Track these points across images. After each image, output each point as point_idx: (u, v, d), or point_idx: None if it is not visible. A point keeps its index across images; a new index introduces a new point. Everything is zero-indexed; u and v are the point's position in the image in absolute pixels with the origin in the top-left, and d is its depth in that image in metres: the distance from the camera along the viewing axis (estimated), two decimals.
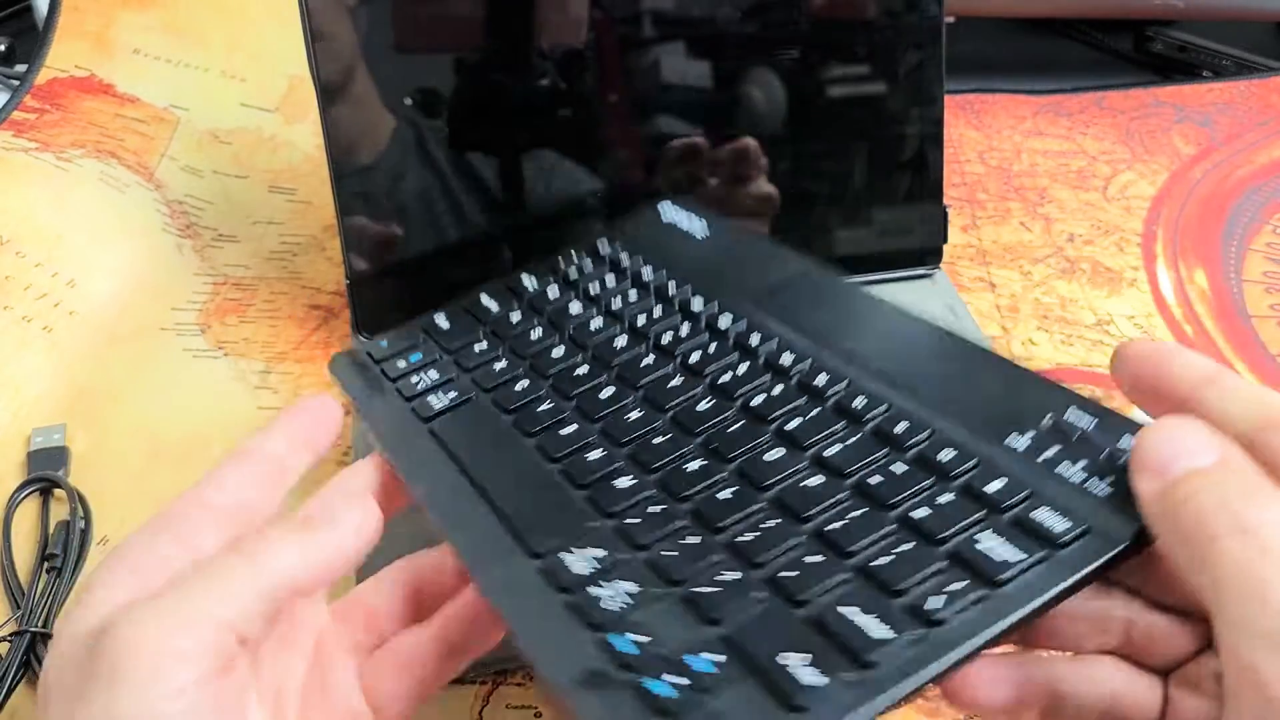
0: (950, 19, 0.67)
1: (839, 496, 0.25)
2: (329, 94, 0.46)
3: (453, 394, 0.35)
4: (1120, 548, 0.22)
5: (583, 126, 0.48)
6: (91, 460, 0.44)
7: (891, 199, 0.52)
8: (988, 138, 0.66)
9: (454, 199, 0.48)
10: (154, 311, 0.50)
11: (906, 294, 0.52)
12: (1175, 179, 0.63)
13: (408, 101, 0.47)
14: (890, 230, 0.52)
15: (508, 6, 0.47)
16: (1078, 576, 0.22)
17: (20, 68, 0.62)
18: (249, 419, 0.46)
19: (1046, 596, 0.21)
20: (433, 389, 0.35)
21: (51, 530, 0.41)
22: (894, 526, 0.24)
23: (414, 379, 0.36)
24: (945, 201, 0.52)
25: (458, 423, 0.34)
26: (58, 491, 0.43)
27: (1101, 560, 0.22)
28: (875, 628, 0.21)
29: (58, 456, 0.43)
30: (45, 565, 0.40)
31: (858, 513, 0.25)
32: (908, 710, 0.36)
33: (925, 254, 0.53)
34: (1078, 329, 0.52)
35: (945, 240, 0.53)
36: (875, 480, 0.26)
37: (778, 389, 0.30)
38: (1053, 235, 0.58)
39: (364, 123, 0.46)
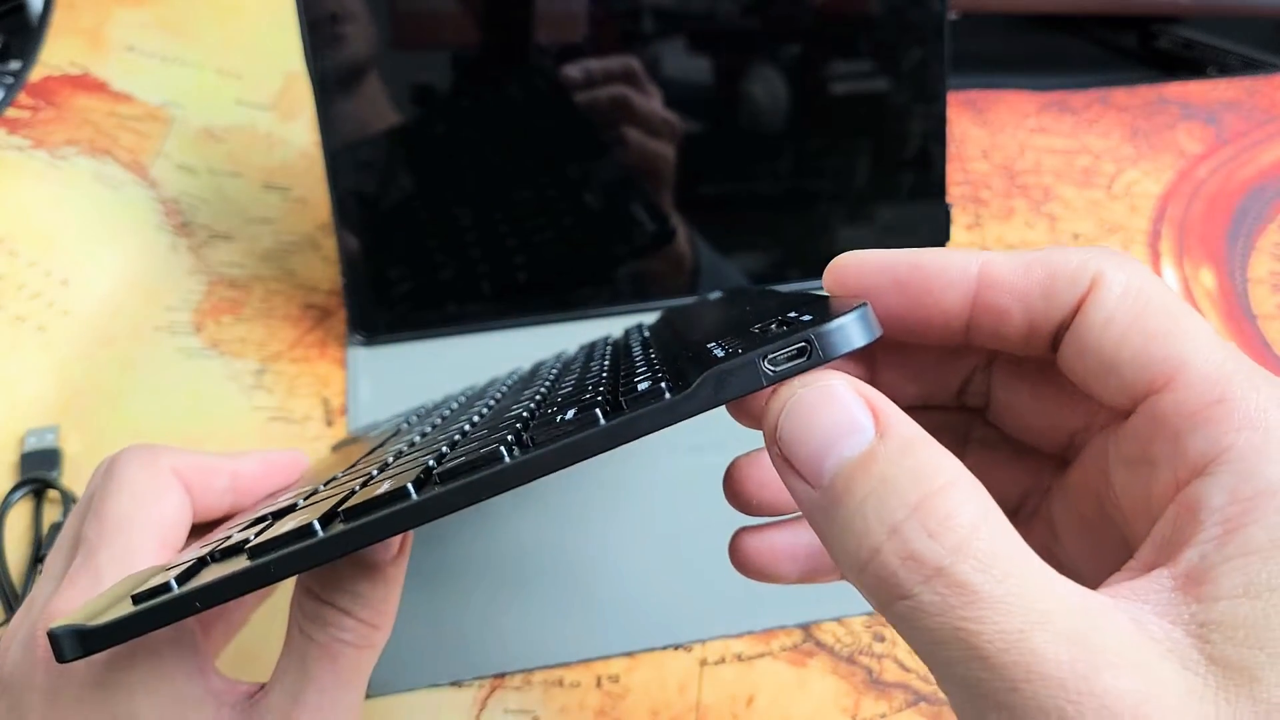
0: (954, 15, 0.67)
1: (505, 420, 0.24)
2: (324, 91, 0.45)
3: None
4: (673, 400, 0.19)
5: (581, 126, 0.48)
6: (85, 460, 0.43)
7: (894, 196, 0.51)
8: (991, 135, 0.65)
9: (450, 197, 0.48)
10: (148, 311, 0.49)
11: None
12: (1181, 177, 0.62)
13: (404, 98, 0.47)
14: (893, 228, 0.52)
15: (506, 4, 0.46)
16: (597, 430, 0.19)
17: (14, 65, 0.61)
18: (243, 419, 0.45)
19: (557, 445, 0.19)
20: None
21: (44, 531, 0.41)
22: (506, 426, 0.23)
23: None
24: (948, 199, 0.52)
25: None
26: (51, 493, 0.42)
27: (635, 414, 0.19)
28: (387, 485, 0.21)
29: (51, 458, 0.43)
30: (38, 567, 0.39)
31: (506, 422, 0.24)
32: (909, 714, 0.35)
33: None
34: None
35: (949, 238, 0.52)
36: (541, 403, 0.25)
37: (597, 368, 0.29)
38: (1057, 233, 0.58)
39: (359, 120, 0.46)
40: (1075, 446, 0.22)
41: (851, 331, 0.19)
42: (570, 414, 0.20)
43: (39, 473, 0.42)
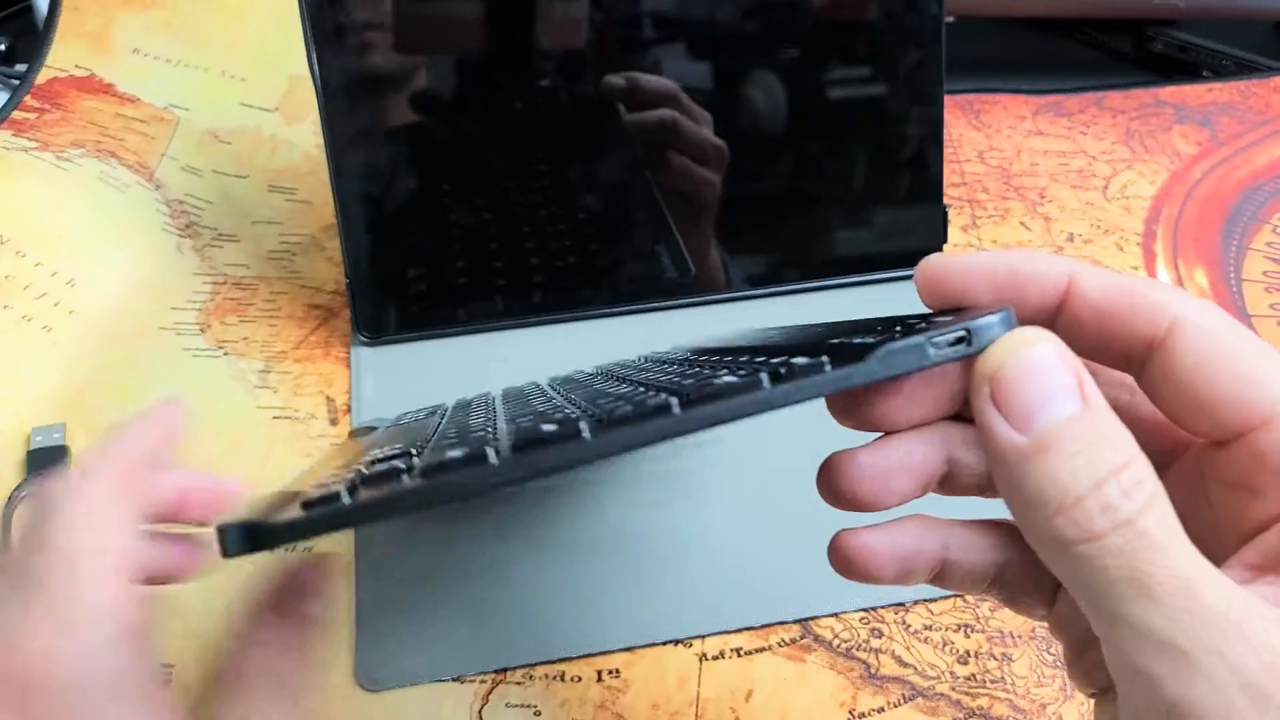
0: (950, 19, 0.67)
1: (632, 390, 0.25)
2: (328, 94, 0.46)
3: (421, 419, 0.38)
4: (845, 369, 0.20)
5: (583, 128, 0.48)
6: None
7: (892, 199, 0.52)
8: (988, 137, 0.66)
9: (453, 199, 0.48)
10: (154, 311, 0.50)
11: (907, 293, 0.52)
12: (1175, 179, 0.63)
13: (407, 101, 0.47)
14: (890, 230, 0.52)
15: (508, 7, 0.47)
16: (782, 388, 0.20)
17: (20, 67, 0.62)
18: (248, 418, 0.46)
19: (734, 400, 0.20)
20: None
21: None
22: (651, 391, 0.24)
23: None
24: (945, 201, 0.52)
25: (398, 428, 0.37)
26: None
27: (818, 377, 0.20)
28: (545, 428, 0.21)
29: (57, 455, 0.44)
30: None
31: (638, 391, 0.24)
32: (907, 709, 0.36)
33: (926, 254, 0.53)
34: None
35: (945, 240, 0.53)
36: (672, 380, 0.25)
37: (674, 368, 0.30)
38: (1053, 235, 0.58)
39: (363, 123, 0.46)
40: (1159, 463, 0.24)
41: (1003, 327, 0.21)
42: (728, 378, 0.21)
43: (45, 470, 0.43)
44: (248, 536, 0.20)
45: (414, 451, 0.25)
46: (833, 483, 0.25)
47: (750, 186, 0.50)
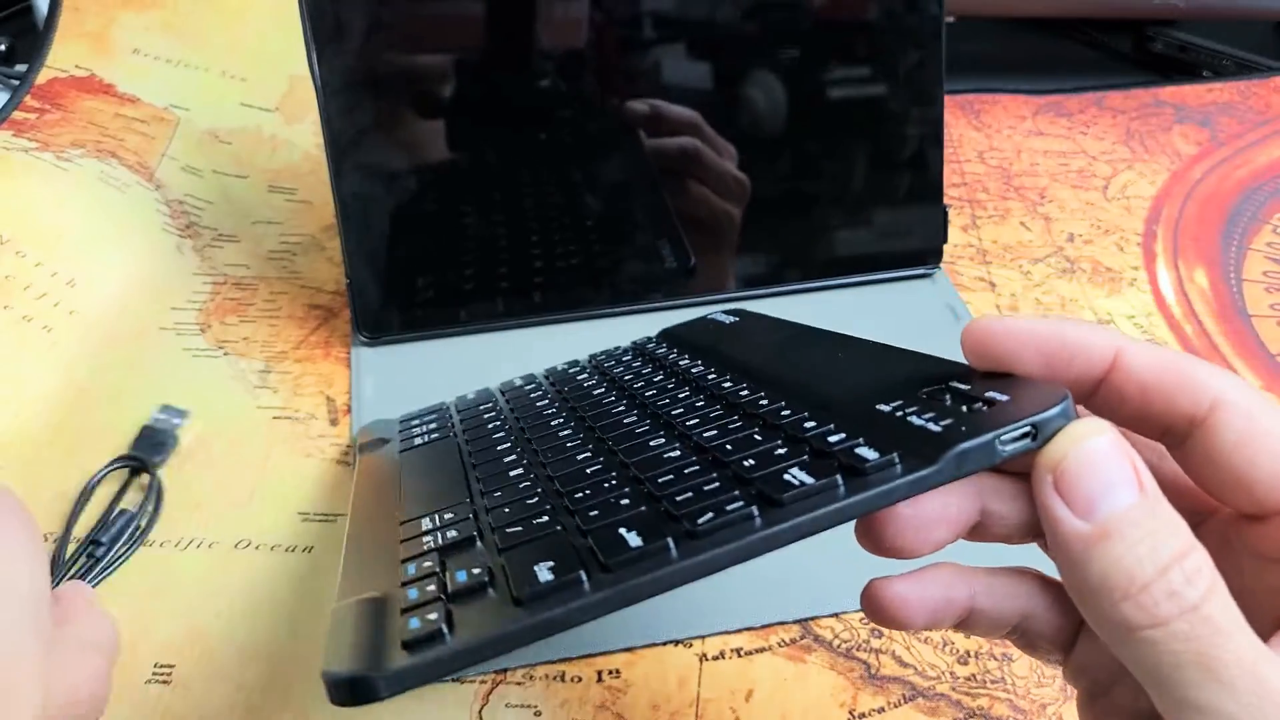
0: (950, 19, 0.67)
1: (685, 462, 0.26)
2: (328, 94, 0.46)
3: (435, 435, 0.38)
4: (923, 472, 0.21)
5: (583, 128, 0.48)
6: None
7: (892, 199, 0.52)
8: (988, 137, 0.66)
9: (453, 198, 0.48)
10: (154, 311, 0.50)
11: (907, 294, 0.53)
12: (1175, 179, 0.63)
13: (407, 101, 0.47)
14: (891, 230, 0.52)
15: (508, 7, 0.47)
16: (863, 495, 0.21)
17: (20, 67, 0.62)
18: (248, 418, 0.46)
19: (820, 512, 0.21)
20: (423, 434, 0.39)
21: (112, 514, 0.41)
22: (719, 474, 0.25)
23: (415, 429, 0.40)
24: (945, 201, 0.52)
25: (422, 450, 0.37)
26: (142, 477, 0.43)
27: (898, 482, 0.21)
28: (630, 538, 0.22)
29: (165, 441, 0.44)
30: (87, 550, 0.40)
31: (692, 469, 0.25)
32: (907, 709, 0.36)
33: (926, 254, 0.53)
34: None
35: (945, 240, 0.53)
36: (729, 447, 0.26)
37: (699, 403, 0.31)
38: (1053, 235, 0.58)
39: (363, 122, 0.46)
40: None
41: (1065, 419, 0.22)
42: (801, 475, 0.22)
43: (142, 453, 0.43)
44: (354, 692, 0.20)
45: (476, 535, 0.26)
46: (874, 534, 0.25)
47: (735, 152, 0.50)
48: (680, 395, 0.33)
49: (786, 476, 0.22)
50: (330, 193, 0.47)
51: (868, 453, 0.22)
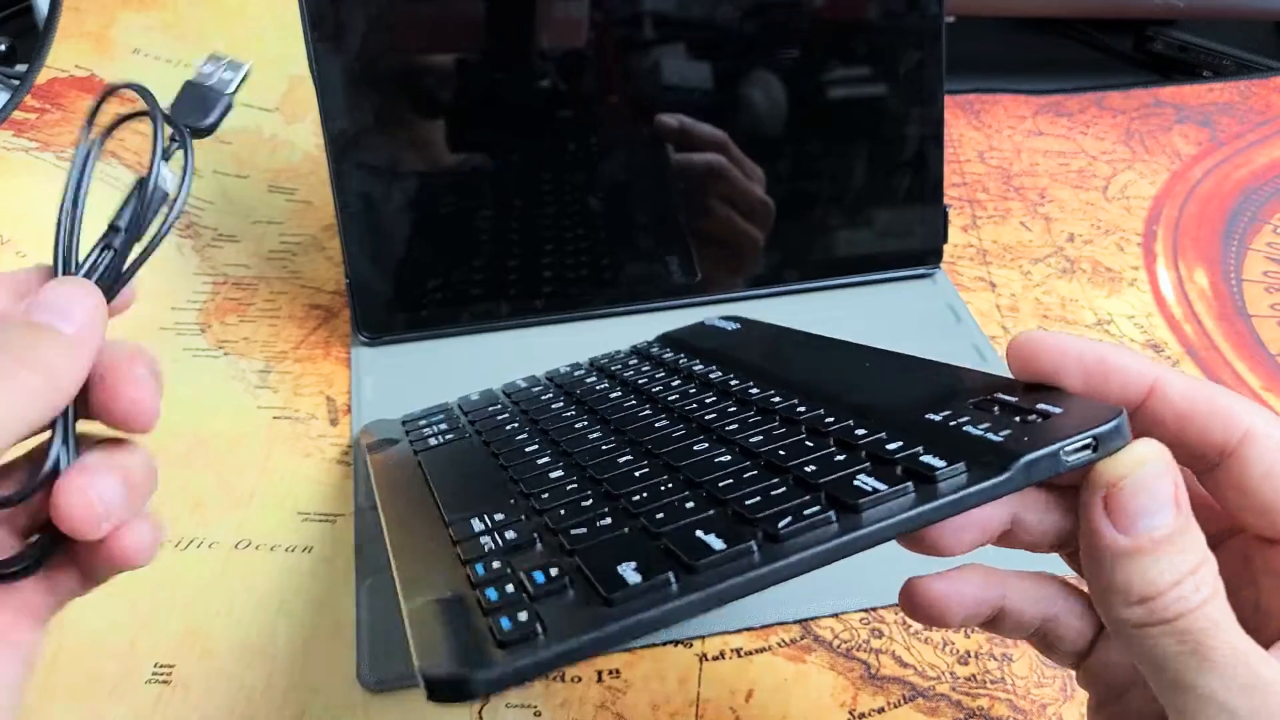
0: (950, 19, 0.67)
1: (741, 466, 0.26)
2: (329, 94, 0.46)
3: (450, 435, 0.38)
4: (996, 480, 0.22)
5: (582, 128, 0.48)
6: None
7: (892, 199, 0.52)
8: (988, 137, 0.66)
9: (453, 199, 0.48)
10: (154, 311, 0.50)
11: (907, 294, 0.53)
12: (1175, 179, 0.63)
13: (407, 101, 0.47)
14: (891, 230, 0.52)
15: (508, 7, 0.47)
16: (939, 502, 0.22)
17: (21, 67, 0.62)
18: (248, 418, 0.46)
19: (899, 518, 0.22)
20: (436, 434, 0.39)
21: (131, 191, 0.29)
22: (779, 479, 0.25)
23: (425, 429, 0.40)
24: (945, 201, 0.52)
25: (442, 452, 0.37)
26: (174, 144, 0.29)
27: (973, 489, 0.22)
28: (713, 541, 0.22)
29: (210, 100, 0.30)
30: (103, 240, 0.29)
31: (750, 474, 0.26)
32: (908, 709, 0.36)
33: (926, 254, 0.53)
34: (1078, 329, 0.52)
35: (946, 240, 0.53)
36: (782, 453, 0.26)
37: (732, 408, 0.32)
38: (1053, 235, 0.58)
39: (363, 122, 0.46)
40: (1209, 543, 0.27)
41: (1121, 436, 0.23)
42: (872, 481, 0.23)
43: (188, 116, 0.30)
44: (456, 691, 0.20)
45: (536, 536, 0.26)
46: (915, 532, 0.26)
47: (763, 176, 0.50)
48: (707, 400, 0.33)
49: (857, 483, 0.23)
50: (330, 193, 0.47)
51: (935, 461, 0.23)
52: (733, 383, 0.34)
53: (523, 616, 0.21)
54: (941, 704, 0.36)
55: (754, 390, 0.32)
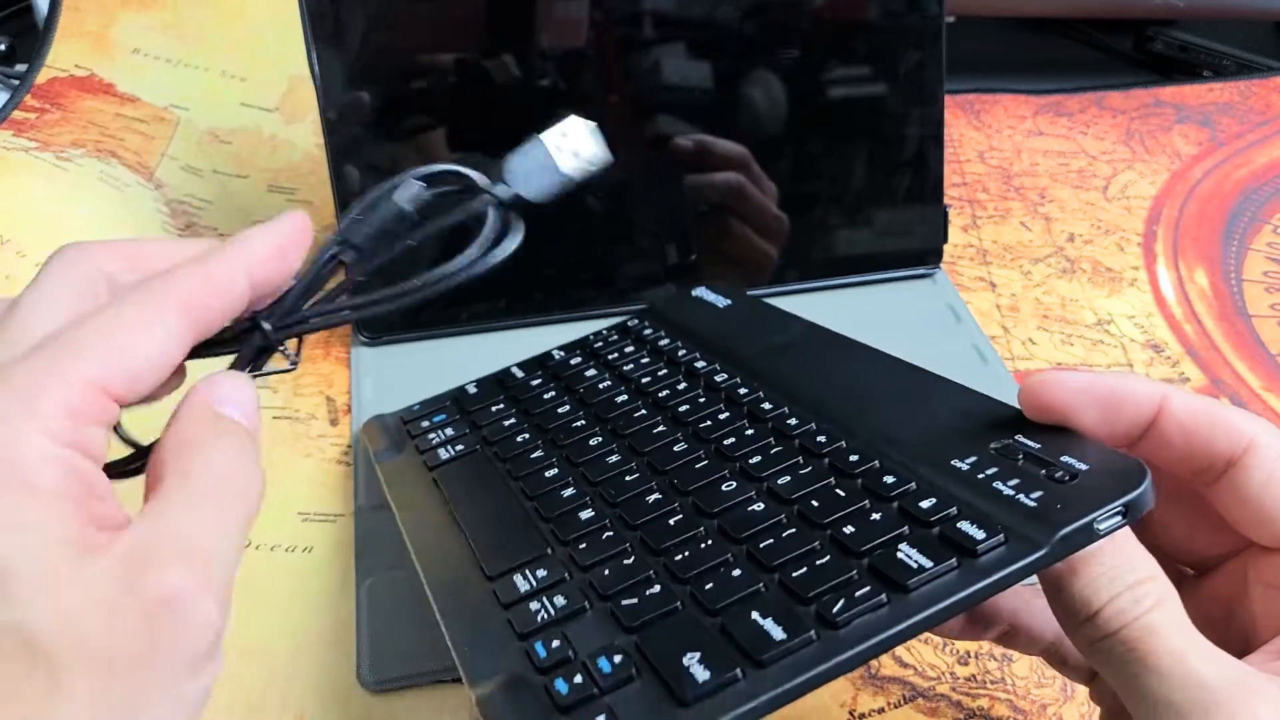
0: (950, 19, 0.67)
1: (777, 520, 0.27)
2: (329, 94, 0.46)
3: (460, 447, 0.38)
4: (1034, 556, 0.23)
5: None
6: None
7: (892, 199, 0.52)
8: (988, 137, 0.66)
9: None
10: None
11: (907, 294, 0.52)
12: (1175, 179, 0.63)
13: (407, 101, 0.47)
14: (891, 230, 0.52)
15: (509, 7, 0.47)
16: (985, 583, 0.22)
17: (20, 67, 0.62)
18: None
19: (949, 601, 0.22)
20: (444, 444, 0.38)
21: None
22: (821, 543, 0.25)
23: (431, 435, 0.39)
24: (945, 201, 0.52)
25: (458, 471, 0.36)
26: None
27: (1013, 568, 0.23)
28: (773, 629, 0.22)
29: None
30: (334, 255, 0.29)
31: (789, 532, 0.26)
32: (908, 710, 0.36)
33: (926, 254, 0.53)
34: (1078, 329, 0.52)
35: (946, 240, 0.53)
36: (815, 504, 0.27)
37: (749, 431, 0.32)
38: (1053, 235, 0.58)
39: (364, 123, 0.46)
40: (1213, 563, 0.28)
41: (1149, 499, 0.24)
42: (917, 556, 0.23)
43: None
44: None
45: (586, 604, 0.26)
46: None
47: (777, 191, 0.50)
48: (720, 416, 0.33)
49: (901, 556, 0.23)
50: (330, 193, 0.47)
51: (975, 531, 0.23)
52: (741, 391, 0.34)
53: (600, 719, 0.22)
54: (941, 704, 0.36)
55: (766, 405, 0.33)
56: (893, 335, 0.50)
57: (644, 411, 0.36)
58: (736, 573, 0.25)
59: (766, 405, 0.33)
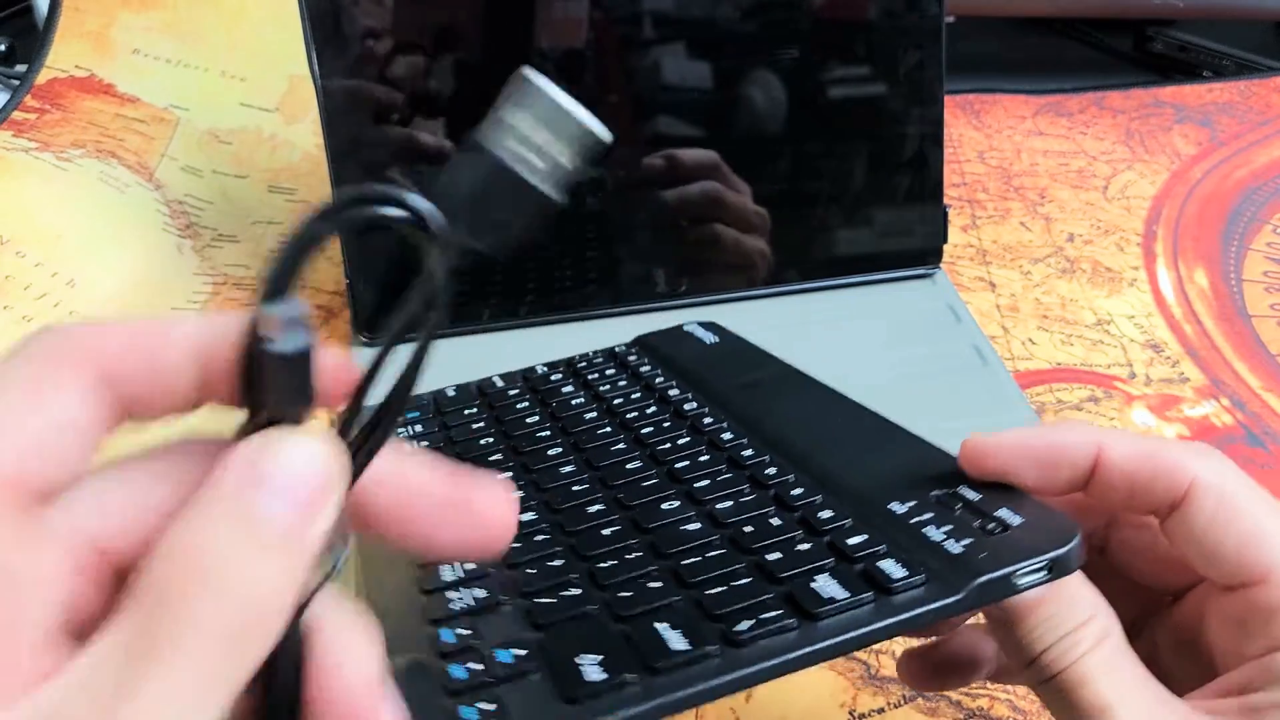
0: (950, 18, 0.67)
1: (708, 541, 0.27)
2: (329, 94, 0.46)
3: (424, 444, 0.38)
4: (948, 600, 0.23)
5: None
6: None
7: (892, 199, 0.52)
8: (988, 137, 0.66)
9: None
10: (154, 311, 0.50)
11: (907, 294, 0.52)
12: (1175, 179, 0.63)
13: (407, 101, 0.47)
14: (891, 230, 0.52)
15: (508, 7, 0.47)
16: (896, 619, 0.23)
17: (20, 68, 0.62)
18: None
19: (857, 632, 0.23)
20: (411, 439, 0.38)
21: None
22: (745, 566, 0.26)
23: (401, 430, 0.39)
24: (945, 201, 0.52)
25: None
26: None
27: (926, 609, 0.23)
28: (675, 641, 0.22)
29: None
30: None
31: (717, 553, 0.26)
32: (908, 709, 0.36)
33: (925, 254, 0.53)
34: (1078, 329, 0.52)
35: (945, 240, 0.53)
36: (747, 530, 0.27)
37: (704, 458, 0.32)
38: (1053, 235, 0.58)
39: (363, 122, 0.46)
40: (1180, 591, 0.28)
41: (1076, 558, 0.24)
42: (832, 587, 0.23)
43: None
44: None
45: (505, 598, 0.26)
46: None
47: (750, 187, 0.50)
48: (680, 441, 0.34)
49: (816, 586, 0.24)
50: (330, 193, 0.47)
51: (894, 569, 0.24)
52: (706, 420, 0.35)
53: (489, 708, 0.22)
54: (941, 704, 0.36)
55: (727, 436, 0.33)
56: (893, 335, 0.50)
57: (608, 429, 0.36)
58: (655, 585, 0.25)
59: (727, 435, 0.33)
